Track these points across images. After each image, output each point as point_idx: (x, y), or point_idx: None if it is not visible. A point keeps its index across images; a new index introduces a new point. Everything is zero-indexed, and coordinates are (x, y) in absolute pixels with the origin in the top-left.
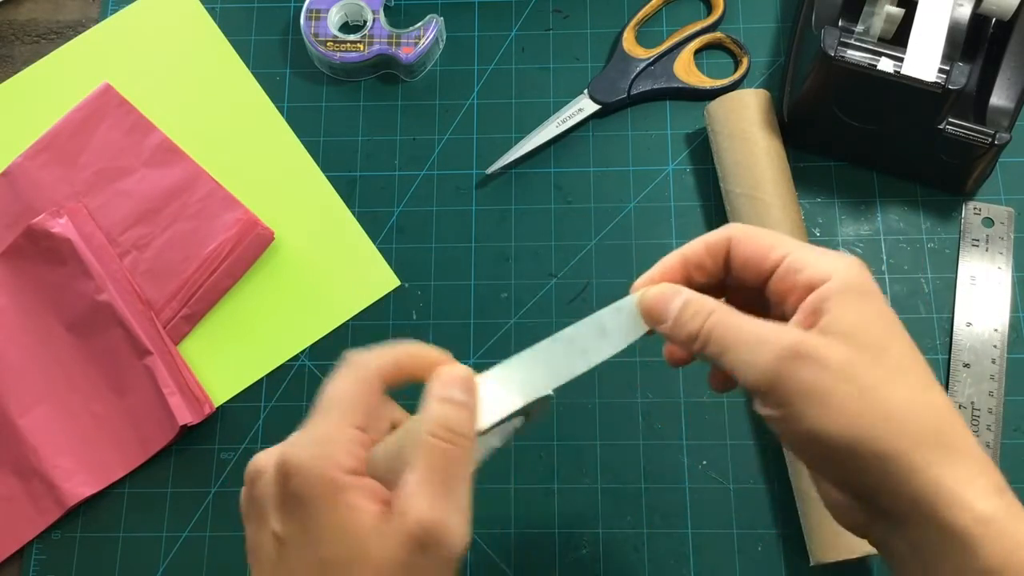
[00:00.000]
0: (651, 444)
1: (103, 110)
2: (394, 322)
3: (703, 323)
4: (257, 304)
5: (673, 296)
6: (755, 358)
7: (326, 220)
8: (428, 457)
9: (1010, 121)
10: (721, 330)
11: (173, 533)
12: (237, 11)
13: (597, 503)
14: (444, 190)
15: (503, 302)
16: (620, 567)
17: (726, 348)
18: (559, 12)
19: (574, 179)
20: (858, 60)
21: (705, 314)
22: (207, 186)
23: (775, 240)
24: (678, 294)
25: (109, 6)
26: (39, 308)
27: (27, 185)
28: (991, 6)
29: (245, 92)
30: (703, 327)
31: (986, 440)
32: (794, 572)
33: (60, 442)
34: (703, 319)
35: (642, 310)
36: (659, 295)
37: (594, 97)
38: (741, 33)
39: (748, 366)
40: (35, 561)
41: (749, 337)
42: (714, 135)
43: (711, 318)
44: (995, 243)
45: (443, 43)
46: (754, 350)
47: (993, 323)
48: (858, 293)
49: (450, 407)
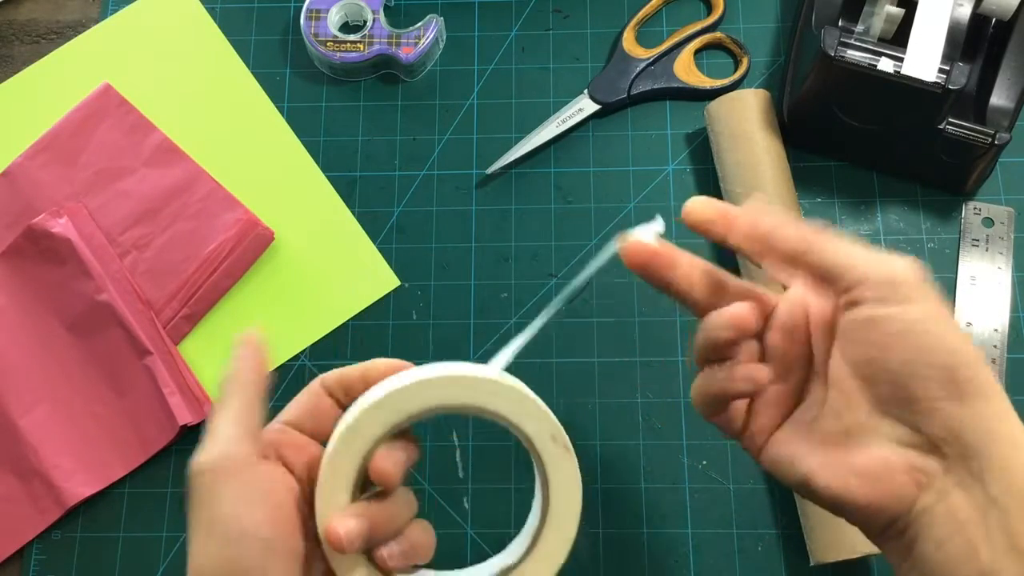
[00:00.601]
0: (651, 444)
1: (103, 110)
2: (394, 322)
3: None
4: (257, 304)
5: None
6: (890, 258)
7: (326, 220)
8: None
9: (1010, 121)
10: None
11: (173, 533)
12: (237, 11)
13: (597, 503)
14: (444, 190)
15: (503, 302)
16: (620, 567)
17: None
18: (559, 12)
19: (574, 179)
20: (858, 60)
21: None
22: (207, 186)
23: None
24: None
25: (109, 6)
26: (39, 308)
27: (27, 185)
28: (991, 6)
29: (245, 92)
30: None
31: None
32: (794, 572)
33: (60, 442)
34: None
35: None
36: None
37: (594, 97)
38: (741, 33)
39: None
40: (35, 561)
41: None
42: (714, 135)
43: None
44: (995, 243)
45: (443, 43)
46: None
47: (993, 323)
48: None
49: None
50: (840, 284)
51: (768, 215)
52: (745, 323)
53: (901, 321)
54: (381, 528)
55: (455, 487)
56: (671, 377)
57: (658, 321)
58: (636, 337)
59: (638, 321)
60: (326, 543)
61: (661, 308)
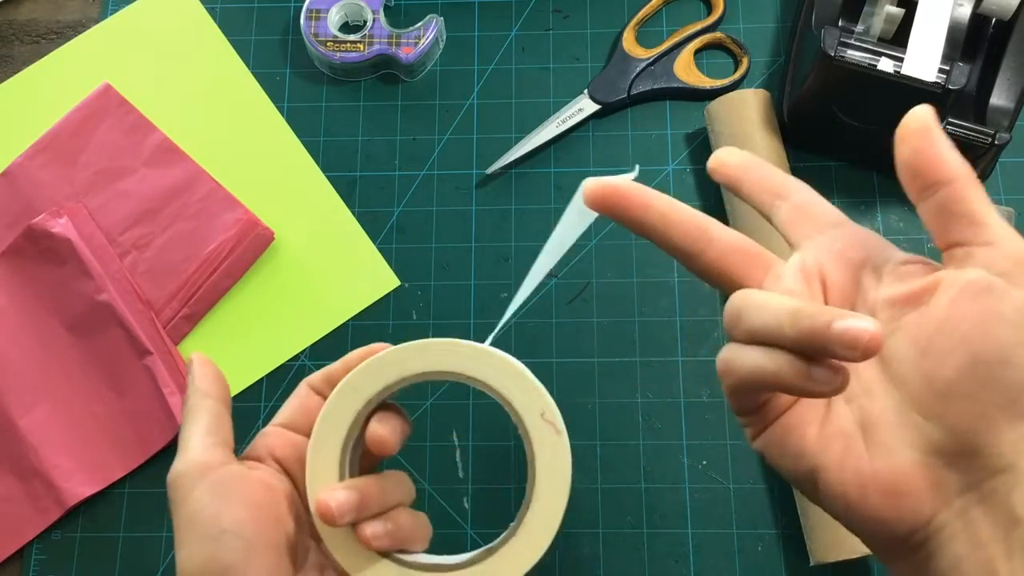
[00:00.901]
0: (651, 444)
1: (103, 110)
2: (394, 322)
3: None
4: (257, 304)
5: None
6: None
7: (326, 220)
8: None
9: (1010, 121)
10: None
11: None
12: (237, 11)
13: (597, 503)
14: (444, 190)
15: (503, 302)
16: (620, 567)
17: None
18: (559, 12)
19: (574, 179)
20: (858, 60)
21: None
22: (207, 186)
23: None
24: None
25: (109, 6)
26: (39, 308)
27: (27, 185)
28: (991, 6)
29: (245, 92)
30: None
31: None
32: (794, 572)
33: (60, 442)
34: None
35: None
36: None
37: (594, 97)
38: (741, 33)
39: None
40: (35, 561)
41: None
42: (714, 135)
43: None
44: None
45: (443, 43)
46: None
47: None
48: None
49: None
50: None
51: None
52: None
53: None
54: (372, 502)
55: (455, 487)
56: (671, 377)
57: (658, 321)
58: (636, 337)
59: (638, 321)
60: (317, 518)
61: (661, 308)
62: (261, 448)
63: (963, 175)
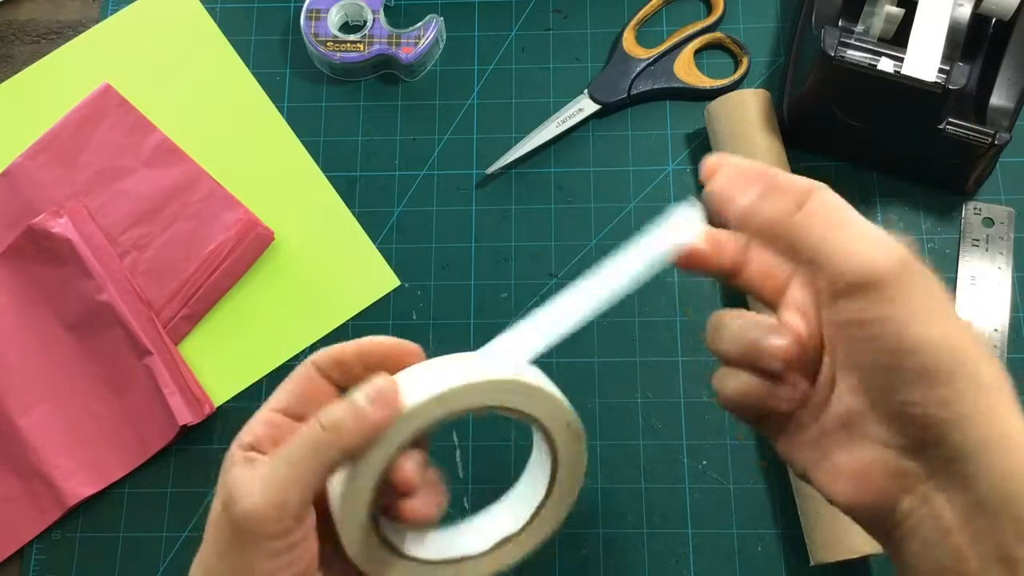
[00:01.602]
0: (651, 444)
1: (103, 110)
2: (394, 322)
3: (798, 205)
4: (257, 304)
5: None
6: (873, 250)
7: (326, 220)
8: (298, 435)
9: (1010, 121)
10: (826, 214)
11: (173, 533)
12: (237, 11)
13: (597, 503)
14: (444, 190)
15: (503, 302)
16: (620, 567)
17: (832, 234)
18: (559, 12)
19: (574, 179)
20: (858, 60)
21: (804, 191)
22: (207, 186)
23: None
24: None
25: (109, 6)
26: (39, 308)
27: (27, 185)
28: (991, 6)
29: (245, 92)
30: (801, 211)
31: None
32: (794, 572)
33: (60, 442)
34: (802, 195)
35: (715, 189)
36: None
37: (594, 97)
38: (741, 33)
39: (864, 255)
40: (35, 561)
41: (864, 229)
42: (714, 135)
43: (815, 196)
44: (995, 243)
45: (443, 43)
46: (871, 243)
47: (993, 323)
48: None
49: (344, 405)
50: (820, 276)
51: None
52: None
53: (879, 323)
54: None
55: (455, 487)
56: (671, 377)
57: (658, 321)
58: (636, 337)
59: (638, 321)
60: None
61: (661, 308)
62: (259, 439)
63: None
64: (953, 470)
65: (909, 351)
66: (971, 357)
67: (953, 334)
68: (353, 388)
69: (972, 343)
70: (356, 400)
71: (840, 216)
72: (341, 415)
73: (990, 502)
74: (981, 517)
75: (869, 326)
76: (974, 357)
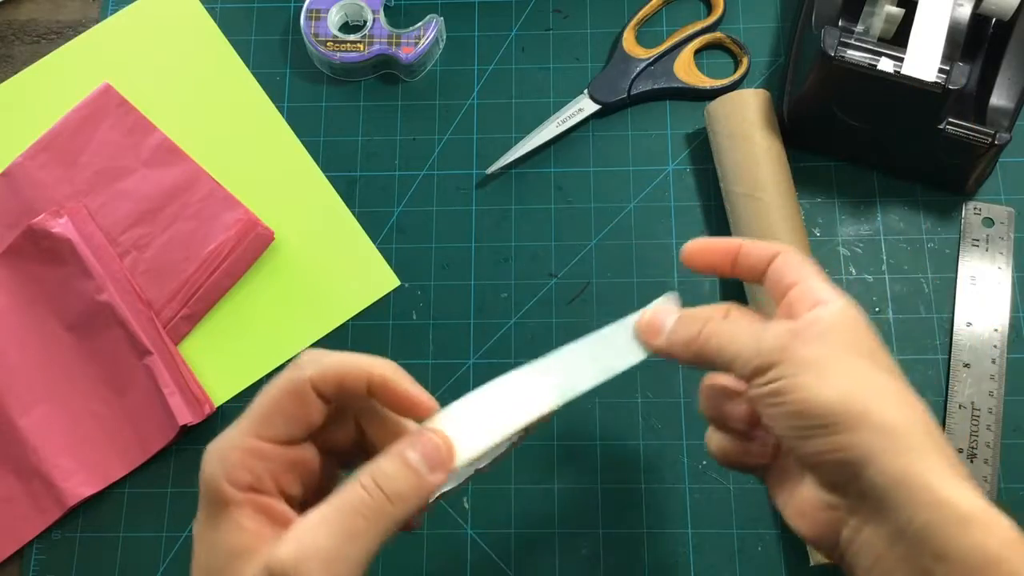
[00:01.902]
0: (651, 444)
1: (103, 110)
2: (394, 322)
3: (700, 328)
4: (257, 304)
5: (668, 313)
6: (757, 340)
7: (326, 220)
8: (342, 501)
9: (1010, 121)
10: (719, 329)
11: (173, 533)
12: (237, 11)
13: (597, 503)
14: (444, 190)
15: (503, 302)
16: (620, 567)
17: (727, 339)
18: (559, 12)
19: (574, 179)
20: (858, 60)
21: (702, 321)
22: (207, 186)
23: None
24: (672, 312)
25: (109, 6)
26: (39, 308)
27: (27, 185)
28: (991, 6)
29: (245, 92)
30: (701, 332)
31: (986, 440)
32: (794, 572)
33: (60, 442)
34: (700, 325)
35: (640, 326)
36: (656, 311)
37: (594, 97)
38: (741, 33)
39: (751, 348)
40: (35, 561)
41: (749, 327)
42: (714, 135)
43: (708, 325)
44: (995, 243)
45: (443, 43)
46: (756, 334)
47: (993, 323)
48: (854, 315)
49: (402, 468)
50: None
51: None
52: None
53: (777, 396)
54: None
55: None
56: (671, 377)
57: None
58: None
59: None
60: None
61: None
62: (265, 477)
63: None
64: (872, 505)
65: (807, 414)
66: (876, 403)
67: (853, 386)
68: (366, 414)
69: (880, 388)
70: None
71: (730, 329)
72: (403, 485)
73: (909, 531)
74: (902, 544)
75: (771, 400)
76: (880, 403)
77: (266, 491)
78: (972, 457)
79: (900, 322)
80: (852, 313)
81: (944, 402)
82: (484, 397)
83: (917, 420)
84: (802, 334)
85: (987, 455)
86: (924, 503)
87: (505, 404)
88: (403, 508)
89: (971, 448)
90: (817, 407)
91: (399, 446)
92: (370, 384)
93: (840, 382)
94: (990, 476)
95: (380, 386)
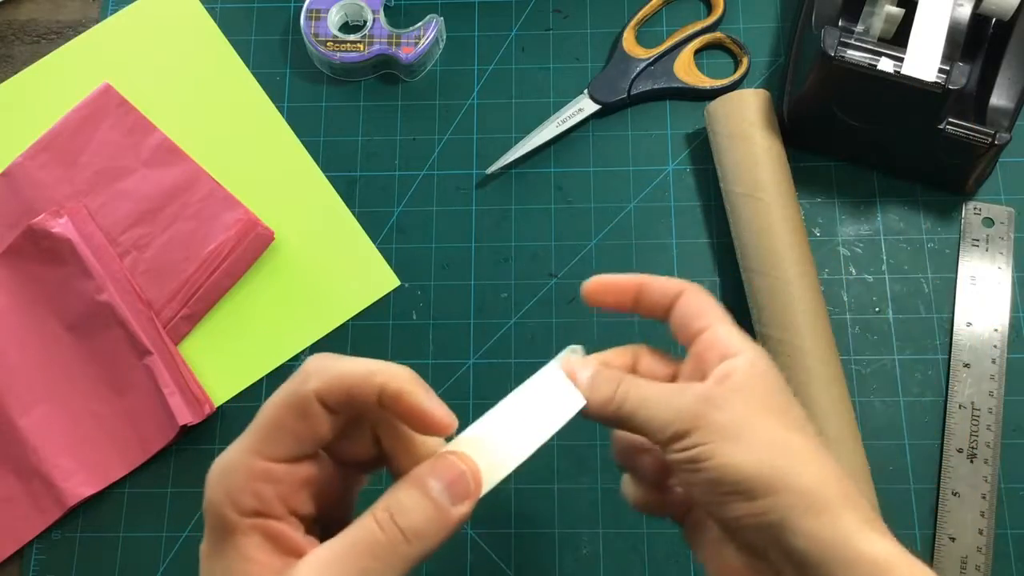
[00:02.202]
0: None
1: (103, 110)
2: (394, 322)
3: (616, 388)
4: (257, 304)
5: (582, 367)
6: (672, 406)
7: (326, 220)
8: (355, 538)
9: (1010, 121)
10: (634, 390)
11: (173, 533)
12: (237, 11)
13: (597, 503)
14: (444, 190)
15: (503, 302)
16: (620, 567)
17: (641, 404)
18: (559, 12)
19: (574, 179)
20: (858, 60)
21: (616, 380)
22: (207, 186)
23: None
24: (587, 366)
25: (109, 6)
26: (39, 308)
27: (27, 185)
28: (991, 6)
29: (245, 92)
30: (616, 391)
31: (986, 440)
32: None
33: (60, 442)
34: (615, 385)
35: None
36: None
37: (594, 97)
38: (741, 33)
39: (666, 414)
40: (35, 561)
41: (663, 391)
42: (714, 135)
43: (622, 384)
44: (995, 243)
45: (443, 43)
46: (670, 400)
47: (993, 323)
48: (764, 367)
49: (421, 500)
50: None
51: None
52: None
53: (693, 462)
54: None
55: None
56: None
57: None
58: (636, 337)
59: (638, 321)
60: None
61: None
62: (273, 501)
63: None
64: (794, 564)
65: (725, 480)
66: (792, 467)
67: (771, 451)
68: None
69: (795, 450)
70: (435, 494)
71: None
72: (421, 520)
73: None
74: None
75: (689, 467)
76: (795, 466)
77: (275, 515)
78: (972, 457)
79: (900, 322)
80: (762, 365)
81: (944, 402)
82: (503, 415)
83: (830, 478)
84: (715, 399)
85: (987, 455)
86: (843, 560)
87: (526, 420)
88: (421, 547)
89: (971, 448)
90: (736, 474)
91: (419, 472)
92: (382, 396)
93: (756, 448)
94: (990, 476)
95: (393, 399)
